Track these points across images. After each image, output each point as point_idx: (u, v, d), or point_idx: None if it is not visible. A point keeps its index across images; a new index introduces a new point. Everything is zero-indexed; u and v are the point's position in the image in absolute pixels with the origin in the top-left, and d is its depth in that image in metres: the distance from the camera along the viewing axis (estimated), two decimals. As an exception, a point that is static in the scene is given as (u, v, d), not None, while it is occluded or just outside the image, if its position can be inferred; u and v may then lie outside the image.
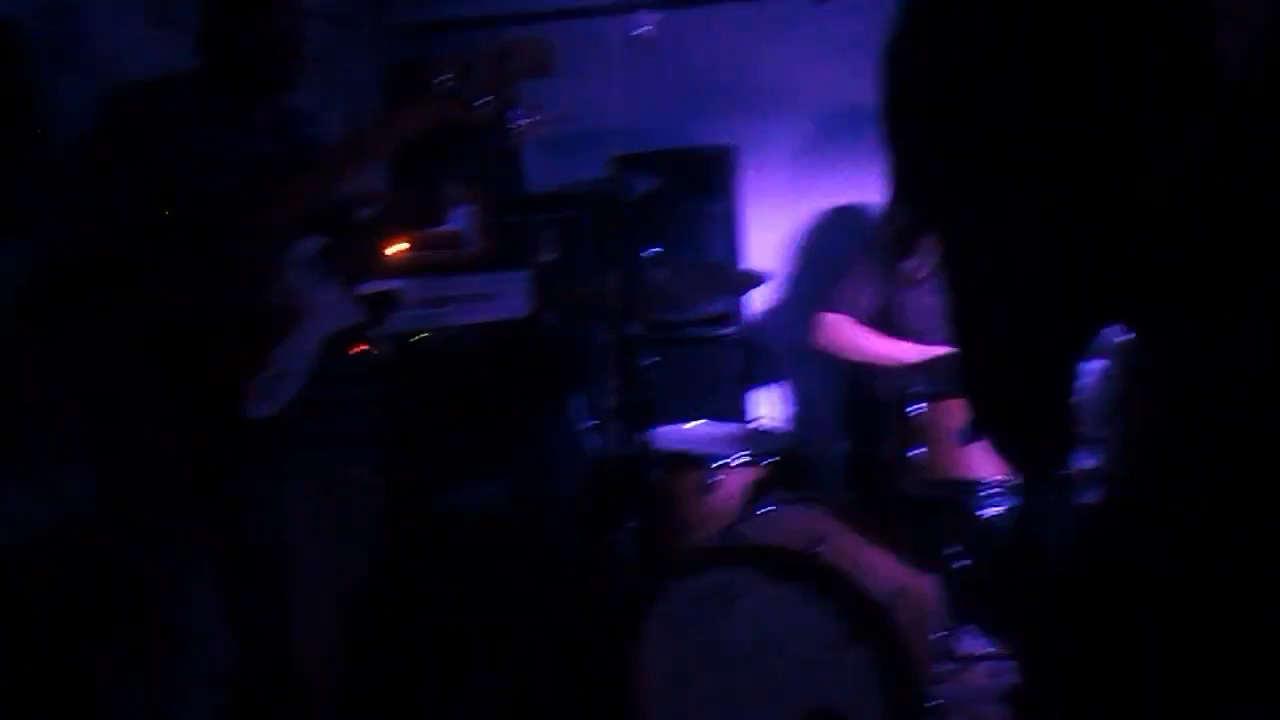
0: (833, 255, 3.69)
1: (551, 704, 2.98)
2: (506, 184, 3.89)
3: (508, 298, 3.26)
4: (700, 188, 3.77)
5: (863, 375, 3.42)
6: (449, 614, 3.08)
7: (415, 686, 2.89)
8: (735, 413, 3.68)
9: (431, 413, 3.17)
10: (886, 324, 3.24)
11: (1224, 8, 0.82)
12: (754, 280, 3.41)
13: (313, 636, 2.06)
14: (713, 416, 3.35)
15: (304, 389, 2.03)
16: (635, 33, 3.91)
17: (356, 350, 2.35)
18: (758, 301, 3.98)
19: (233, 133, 2.02)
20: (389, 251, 2.39)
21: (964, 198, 0.96)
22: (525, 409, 3.27)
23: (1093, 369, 1.39)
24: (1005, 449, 1.27)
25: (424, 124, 1.64)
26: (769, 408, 4.04)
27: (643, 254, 3.41)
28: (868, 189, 3.75)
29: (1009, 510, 2.66)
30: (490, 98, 1.68)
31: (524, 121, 2.50)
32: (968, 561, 2.72)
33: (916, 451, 2.69)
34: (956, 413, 2.64)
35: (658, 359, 2.96)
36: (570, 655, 3.16)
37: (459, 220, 3.24)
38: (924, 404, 2.69)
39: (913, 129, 0.90)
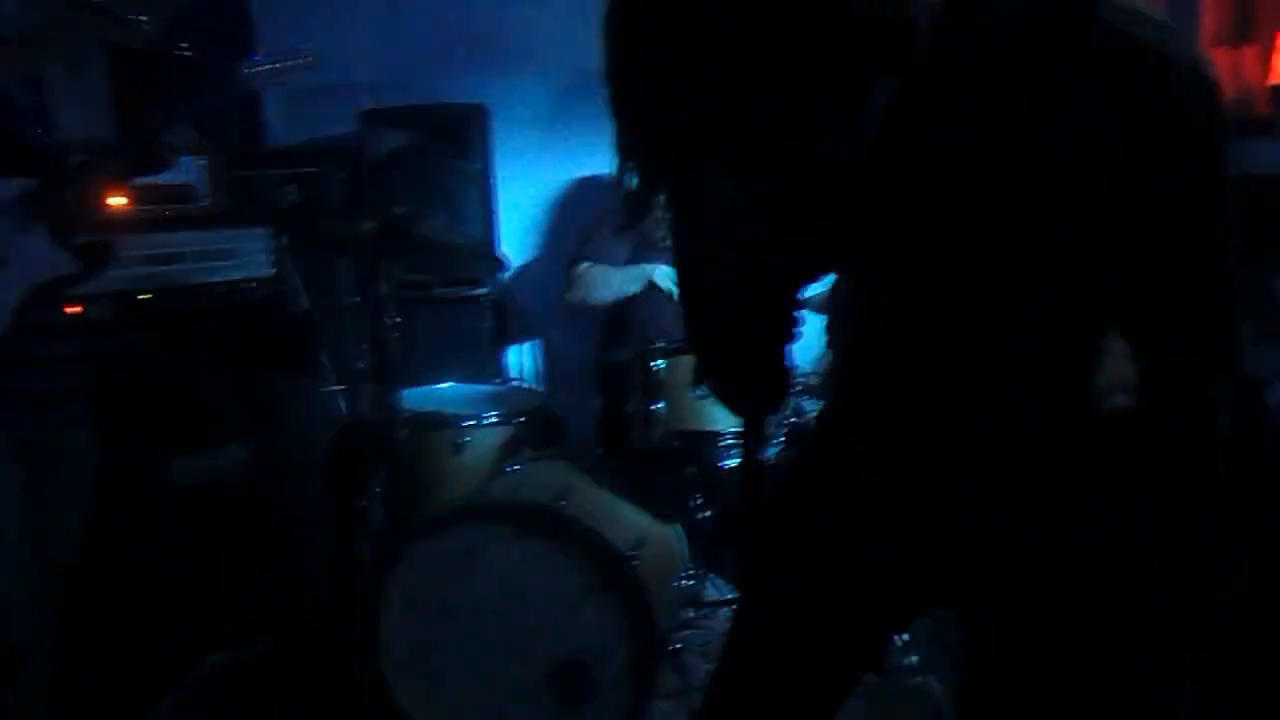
0: (585, 217, 3.72)
1: (298, 673, 2.90)
2: (247, 137, 3.70)
3: (247, 255, 3.10)
4: (453, 144, 3.70)
5: (610, 333, 3.49)
6: (183, 585, 2.93)
7: (146, 659, 2.74)
8: (487, 373, 3.66)
9: (162, 375, 2.98)
10: None
11: None
12: (497, 264, 3.43)
13: (20, 611, 1.91)
14: (464, 377, 3.33)
15: (4, 344, 1.86)
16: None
17: (68, 305, 2.18)
18: (510, 259, 3.96)
19: None
20: (106, 201, 2.22)
21: (679, 163, 0.98)
22: (267, 372, 3.13)
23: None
24: (724, 395, 1.32)
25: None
26: (522, 367, 4.04)
27: (391, 211, 3.33)
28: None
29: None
30: (144, 16, 1.54)
31: (263, 67, 2.38)
32: (709, 511, 2.82)
33: (658, 406, 2.76)
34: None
35: (406, 319, 2.89)
36: (316, 623, 3.08)
37: (191, 172, 3.05)
38: (663, 359, 2.76)
39: (633, 93, 0.91)
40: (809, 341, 3.31)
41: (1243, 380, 1.03)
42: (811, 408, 2.83)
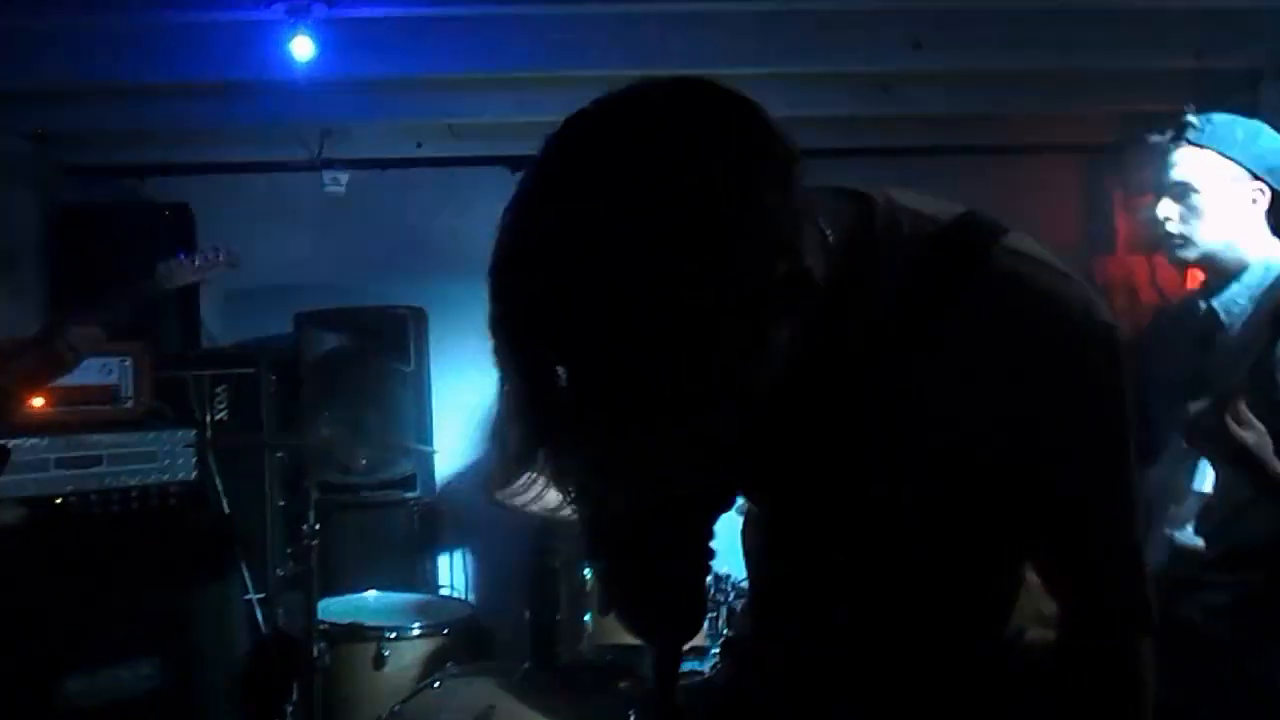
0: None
1: None
2: (182, 337, 3.67)
3: (169, 459, 3.02)
4: (389, 347, 3.70)
5: (540, 540, 3.40)
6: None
7: None
8: (415, 580, 3.53)
9: (71, 587, 2.83)
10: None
11: None
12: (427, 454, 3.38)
13: None
14: (390, 584, 3.21)
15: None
16: (327, 189, 3.87)
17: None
18: (441, 466, 3.89)
19: None
20: (16, 402, 2.16)
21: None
22: (181, 581, 2.99)
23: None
24: (635, 626, 1.25)
25: None
26: (452, 575, 3.91)
27: (322, 415, 3.29)
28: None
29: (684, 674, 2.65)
30: None
31: (182, 266, 2.38)
32: (643, 729, 2.67)
33: (586, 617, 2.66)
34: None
35: (333, 524, 2.81)
36: None
37: (114, 373, 3.00)
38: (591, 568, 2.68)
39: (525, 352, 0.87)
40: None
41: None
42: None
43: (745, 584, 2.84)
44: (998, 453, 0.93)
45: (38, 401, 2.63)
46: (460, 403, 4.05)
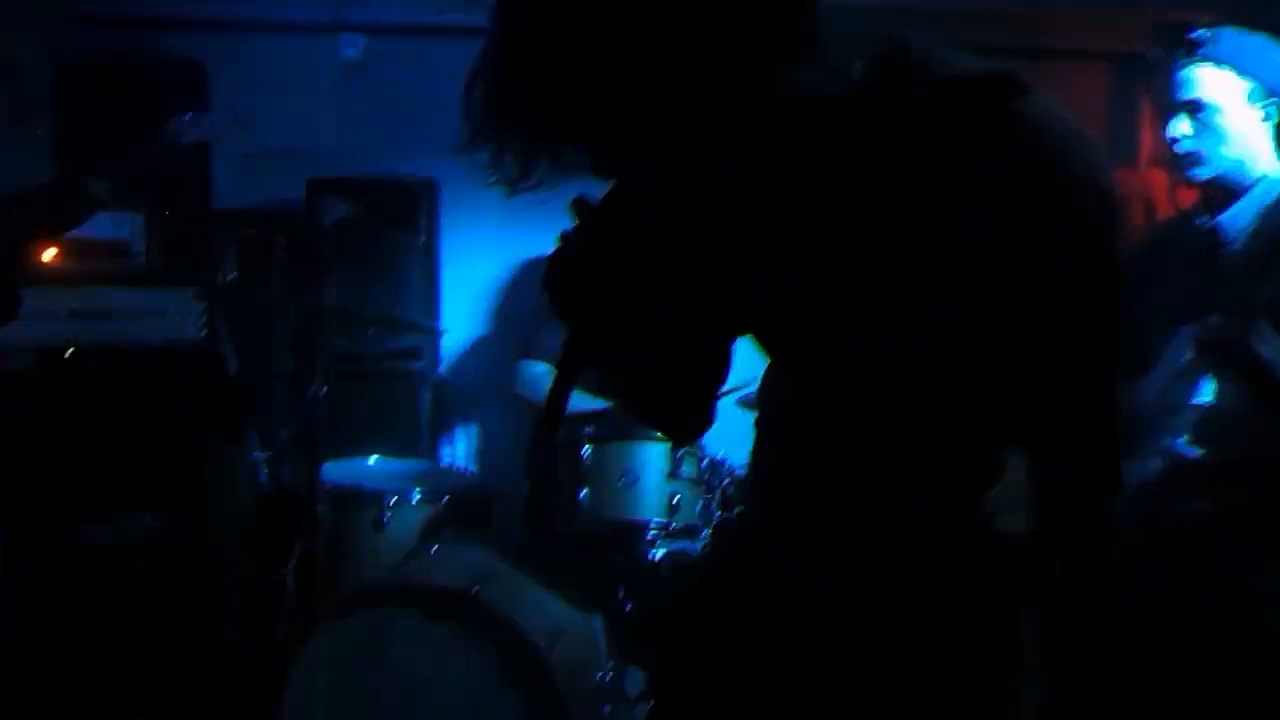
0: (530, 303, 3.70)
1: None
2: (193, 197, 3.66)
3: (178, 317, 3.04)
4: (400, 219, 3.69)
5: (539, 416, 3.45)
6: (88, 653, 2.82)
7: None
8: (418, 450, 3.60)
9: (80, 437, 2.89)
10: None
11: None
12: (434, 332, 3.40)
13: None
14: (394, 453, 3.26)
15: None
16: (344, 54, 3.81)
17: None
18: (448, 340, 3.92)
19: None
20: (26, 252, 2.17)
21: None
22: (190, 436, 3.05)
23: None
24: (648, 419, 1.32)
25: None
26: (454, 446, 3.98)
27: (331, 281, 3.30)
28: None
29: (669, 553, 2.73)
30: None
31: (191, 125, 2.36)
32: (632, 603, 2.76)
33: (583, 493, 2.72)
34: (621, 456, 2.70)
35: (338, 390, 2.84)
36: (223, 701, 2.96)
37: (125, 229, 3.01)
38: (590, 446, 2.73)
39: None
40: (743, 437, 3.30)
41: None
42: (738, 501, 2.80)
43: (739, 469, 2.91)
44: (1002, 296, 0.96)
45: (50, 253, 2.64)
46: (469, 277, 4.07)
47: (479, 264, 4.09)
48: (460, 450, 3.98)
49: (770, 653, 1.22)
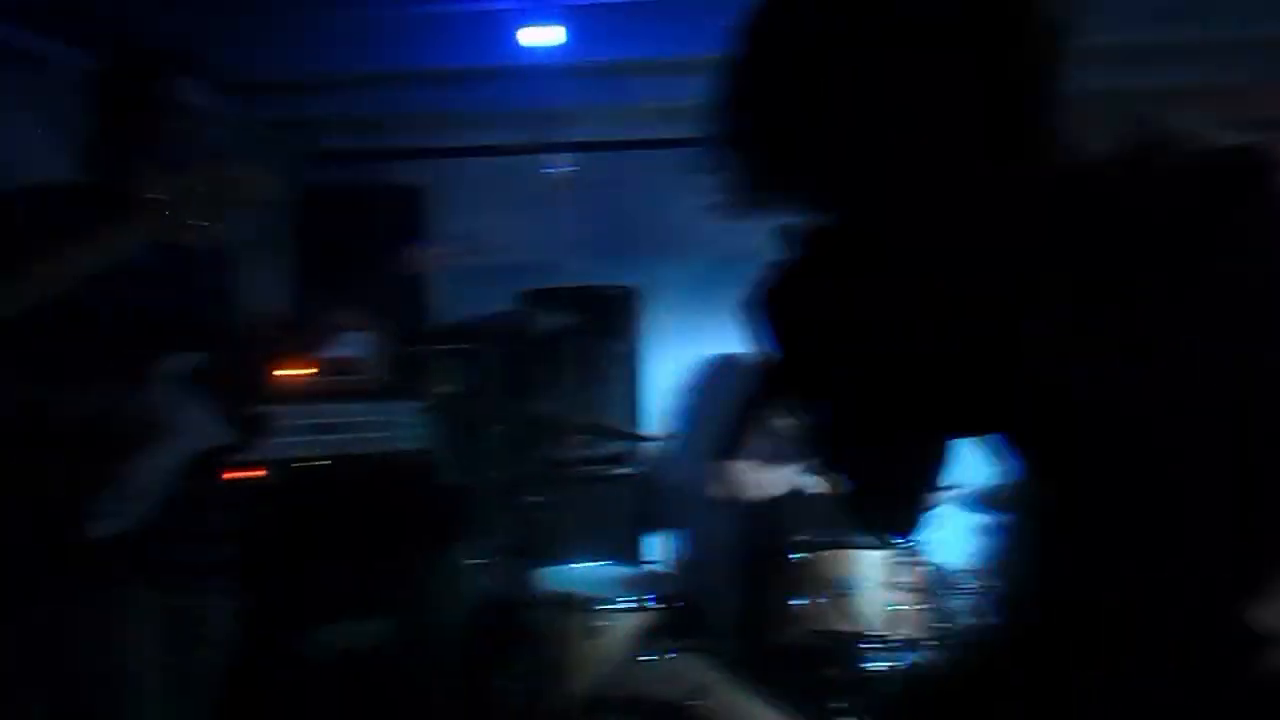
0: (730, 400, 3.71)
1: None
2: (413, 313, 3.87)
3: (403, 428, 3.21)
4: (606, 326, 3.79)
5: (752, 524, 3.41)
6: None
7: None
8: (628, 555, 3.61)
9: (311, 544, 3.05)
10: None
11: None
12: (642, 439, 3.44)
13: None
14: (606, 558, 3.29)
15: (159, 512, 1.93)
16: (551, 171, 3.99)
17: (226, 475, 2.26)
18: (655, 443, 3.96)
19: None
20: (272, 373, 2.33)
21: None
22: (413, 544, 3.17)
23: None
24: (860, 515, 1.26)
25: (129, 247, 1.55)
26: (663, 552, 3.98)
27: (542, 390, 3.40)
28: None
29: (894, 664, 2.62)
30: (207, 222, 1.60)
31: (432, 252, 2.51)
32: (851, 715, 2.65)
33: (800, 601, 2.65)
34: (840, 563, 2.63)
35: (551, 497, 2.90)
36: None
37: (358, 346, 3.20)
38: (807, 553, 2.66)
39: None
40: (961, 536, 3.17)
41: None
42: (962, 611, 2.67)
43: (960, 577, 2.78)
44: (1262, 375, 0.92)
45: (291, 372, 2.83)
46: (672, 383, 4.12)
47: (679, 367, 4.14)
48: (670, 556, 3.98)
49: None
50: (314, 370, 3.00)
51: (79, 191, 2.00)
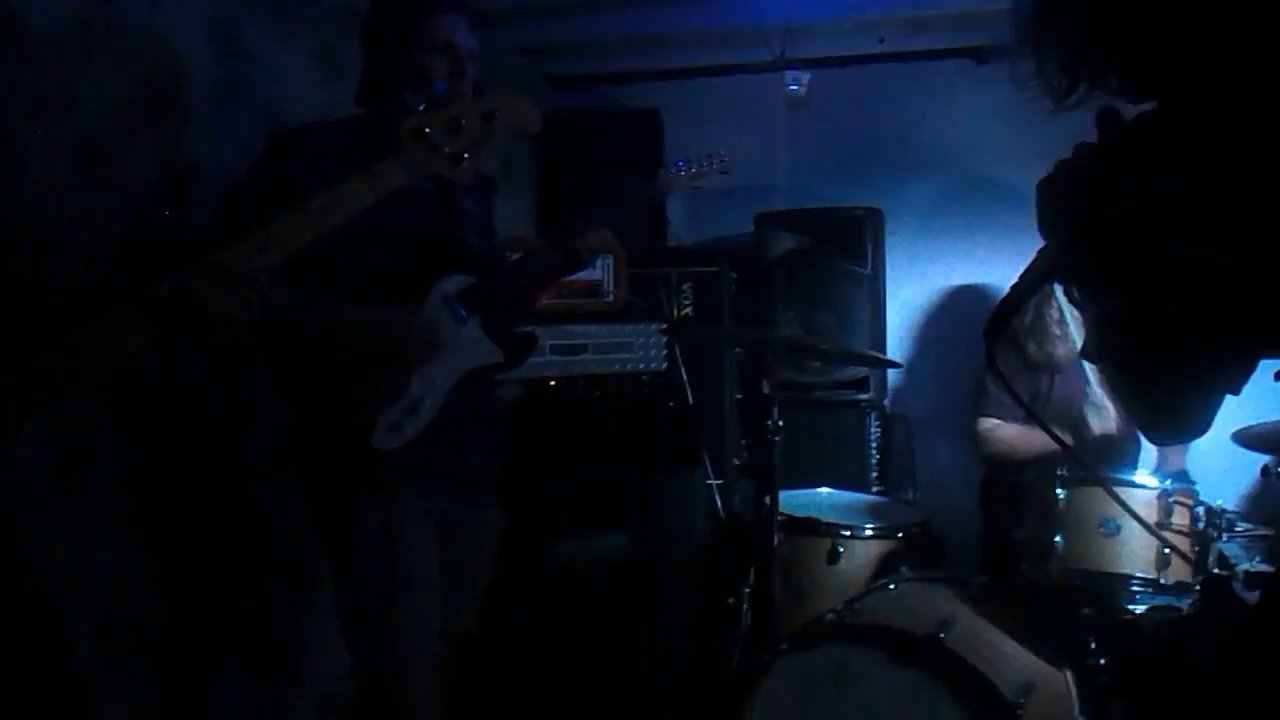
0: (973, 332, 3.56)
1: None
2: (650, 235, 3.91)
3: (643, 349, 3.25)
4: (846, 249, 3.69)
5: (1006, 457, 3.29)
6: (557, 663, 3.06)
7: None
8: (866, 482, 3.56)
9: (559, 460, 3.16)
10: (1034, 411, 3.14)
11: None
12: (883, 364, 3.35)
13: (422, 671, 2.05)
14: (842, 484, 3.25)
15: (433, 425, 2.04)
16: (789, 89, 3.90)
17: (490, 390, 2.36)
18: (894, 371, 3.86)
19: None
20: (533, 298, 2.41)
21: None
22: (653, 463, 3.24)
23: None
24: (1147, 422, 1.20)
25: (400, 179, 1.58)
26: (900, 479, 3.90)
27: (780, 313, 3.36)
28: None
29: (1153, 609, 2.48)
30: (471, 154, 1.61)
31: (680, 173, 2.50)
32: (1104, 659, 2.53)
33: (1056, 538, 2.54)
34: (1100, 501, 2.49)
35: (788, 420, 2.88)
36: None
37: (598, 270, 3.26)
38: (1066, 490, 2.54)
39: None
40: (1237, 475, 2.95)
41: None
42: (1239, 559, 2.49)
43: (1236, 519, 2.58)
44: None
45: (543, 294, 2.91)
46: (914, 306, 3.99)
47: (922, 290, 4.01)
48: (906, 484, 3.90)
49: None
50: (561, 292, 3.07)
51: (354, 126, 2.12)
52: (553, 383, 3.19)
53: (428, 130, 1.60)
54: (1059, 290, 2.06)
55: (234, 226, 1.55)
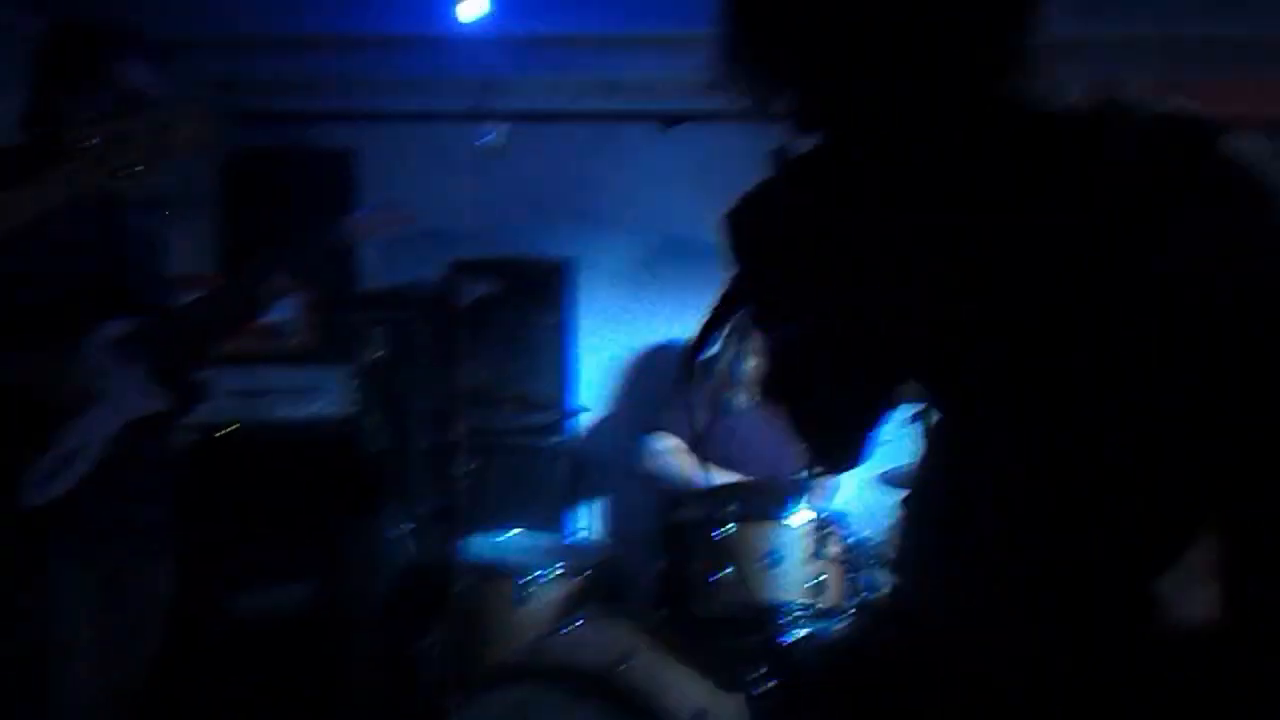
0: (660, 379, 3.76)
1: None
2: (340, 280, 3.83)
3: (327, 394, 3.18)
4: (535, 298, 3.79)
5: (678, 494, 3.46)
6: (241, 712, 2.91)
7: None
8: (553, 524, 3.64)
9: (237, 509, 3.02)
10: (708, 448, 3.33)
11: None
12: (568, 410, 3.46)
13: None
14: (530, 527, 3.31)
15: (94, 476, 1.91)
16: (484, 140, 3.96)
17: (157, 439, 2.23)
18: (582, 415, 3.98)
19: None
20: (204, 344, 2.31)
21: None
22: (337, 510, 3.16)
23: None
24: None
25: (65, 192, 1.52)
26: (588, 521, 4.01)
27: (471, 360, 3.38)
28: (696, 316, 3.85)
29: (811, 634, 2.69)
30: (141, 168, 1.57)
31: (364, 221, 2.49)
32: (772, 683, 2.72)
33: (723, 572, 2.71)
34: (763, 536, 2.69)
35: (476, 466, 2.91)
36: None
37: (282, 310, 3.16)
38: (732, 526, 2.72)
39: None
40: (881, 510, 3.25)
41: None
42: (881, 582, 2.75)
43: (883, 549, 2.86)
44: (1211, 331, 0.94)
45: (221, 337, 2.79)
46: (604, 355, 4.14)
47: (612, 340, 4.16)
48: (594, 526, 4.02)
49: None
50: (242, 335, 2.95)
51: (16, 151, 1.96)
52: (233, 427, 3.05)
53: (96, 142, 1.52)
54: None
55: None
